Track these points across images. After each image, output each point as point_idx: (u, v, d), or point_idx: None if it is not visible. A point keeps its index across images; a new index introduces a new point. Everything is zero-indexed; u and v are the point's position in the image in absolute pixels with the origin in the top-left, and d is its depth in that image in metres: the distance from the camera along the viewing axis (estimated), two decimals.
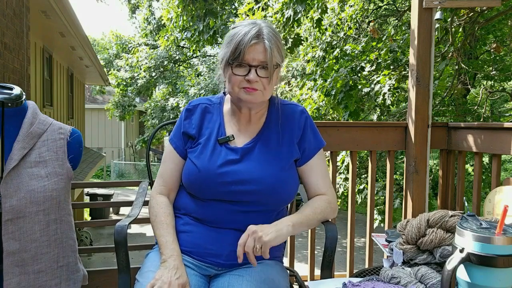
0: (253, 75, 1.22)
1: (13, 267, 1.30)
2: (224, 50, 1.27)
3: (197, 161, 1.28)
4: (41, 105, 6.63)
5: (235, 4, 10.41)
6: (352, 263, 2.42)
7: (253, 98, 1.25)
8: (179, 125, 1.37)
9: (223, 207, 1.26)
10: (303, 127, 1.35)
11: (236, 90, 1.25)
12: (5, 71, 2.84)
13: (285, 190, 1.27)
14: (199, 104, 1.38)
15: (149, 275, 1.20)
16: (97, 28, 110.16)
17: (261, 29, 1.23)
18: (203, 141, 1.32)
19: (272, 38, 1.23)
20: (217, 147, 1.30)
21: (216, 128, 1.33)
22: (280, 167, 1.28)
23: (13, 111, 1.36)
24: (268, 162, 1.28)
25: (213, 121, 1.35)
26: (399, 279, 1.01)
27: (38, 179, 1.33)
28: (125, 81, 13.43)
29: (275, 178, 1.26)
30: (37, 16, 5.22)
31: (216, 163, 1.26)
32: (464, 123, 2.41)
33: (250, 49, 1.21)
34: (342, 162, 5.07)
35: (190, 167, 1.29)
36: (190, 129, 1.34)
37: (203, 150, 1.30)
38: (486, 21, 5.25)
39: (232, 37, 1.24)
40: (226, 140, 1.30)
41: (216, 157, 1.28)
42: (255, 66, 1.22)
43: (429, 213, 1.16)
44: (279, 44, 1.26)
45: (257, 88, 1.24)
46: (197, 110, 1.36)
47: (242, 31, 1.22)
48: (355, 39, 6.05)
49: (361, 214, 9.24)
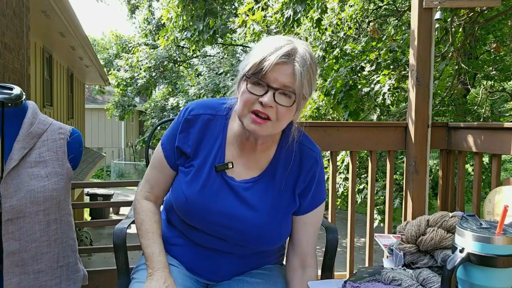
0: (268, 98, 1.01)
1: (13, 267, 1.30)
2: (246, 61, 1.06)
3: (187, 190, 1.12)
4: (41, 105, 6.63)
5: (235, 4, 10.41)
6: (352, 263, 2.42)
7: (260, 130, 1.04)
8: (173, 134, 1.18)
9: (211, 238, 1.16)
10: (310, 179, 1.15)
11: (245, 112, 1.04)
12: (5, 71, 2.84)
13: (279, 241, 1.19)
14: (200, 115, 1.15)
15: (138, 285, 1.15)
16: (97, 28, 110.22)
17: (296, 49, 1.02)
18: (197, 164, 1.14)
19: (306, 64, 1.02)
20: (212, 174, 1.12)
21: (215, 149, 1.14)
22: (279, 219, 1.14)
23: (13, 111, 1.36)
24: (268, 211, 1.12)
25: (214, 139, 1.15)
26: (400, 281, 1.01)
27: (38, 179, 1.33)
28: (125, 81, 13.44)
29: (270, 227, 1.13)
30: (37, 16, 5.21)
31: (207, 197, 1.11)
32: (464, 123, 2.41)
33: (276, 68, 1.00)
34: (342, 162, 5.07)
35: (178, 193, 1.15)
36: (185, 146, 1.15)
37: (195, 176, 1.13)
38: (486, 21, 5.24)
39: (259, 49, 1.04)
40: (224, 168, 1.12)
41: (208, 190, 1.12)
42: (275, 88, 1.01)
43: (429, 215, 1.16)
44: (312, 74, 1.05)
45: (269, 117, 1.02)
46: (198, 123, 1.15)
47: (273, 45, 1.02)
48: (355, 39, 6.05)
49: (361, 214, 9.24)
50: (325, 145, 2.34)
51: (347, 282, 1.03)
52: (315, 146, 1.20)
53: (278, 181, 1.14)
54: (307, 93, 1.06)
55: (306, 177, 1.15)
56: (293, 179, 1.15)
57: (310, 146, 1.19)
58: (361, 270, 1.12)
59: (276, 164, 1.15)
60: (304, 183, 1.15)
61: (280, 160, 1.15)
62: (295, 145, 1.16)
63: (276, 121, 1.04)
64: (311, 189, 1.16)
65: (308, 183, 1.16)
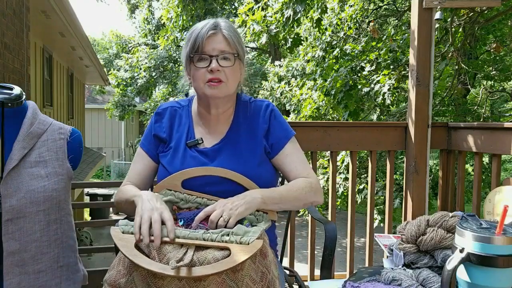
0: (214, 64, 1.22)
1: (13, 267, 1.30)
2: (184, 49, 1.29)
3: (169, 167, 1.29)
4: (41, 105, 6.63)
5: (235, 4, 10.41)
6: (352, 263, 2.42)
7: (218, 91, 1.25)
8: (149, 129, 1.38)
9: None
10: (268, 120, 1.34)
11: (201, 85, 1.25)
12: (5, 71, 2.84)
13: (260, 184, 1.25)
14: (168, 108, 1.38)
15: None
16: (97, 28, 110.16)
17: (218, 21, 1.26)
18: (173, 145, 1.32)
19: (231, 29, 1.26)
20: (187, 151, 1.30)
21: (185, 131, 1.34)
22: (251, 163, 1.28)
23: (13, 111, 1.36)
24: (238, 160, 1.28)
25: (183, 124, 1.35)
26: (400, 281, 1.01)
27: (38, 179, 1.33)
28: (125, 81, 13.43)
29: (246, 175, 1.25)
30: (37, 16, 5.21)
31: (188, 167, 1.26)
32: (464, 123, 2.41)
33: (209, 40, 1.23)
34: (342, 162, 5.07)
35: (163, 174, 1.30)
36: (161, 132, 1.35)
37: (174, 155, 1.31)
38: (486, 21, 5.25)
39: (190, 34, 1.26)
40: (194, 144, 1.31)
41: (188, 161, 1.28)
42: (216, 56, 1.23)
43: (429, 215, 1.16)
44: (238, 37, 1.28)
45: (221, 79, 1.24)
46: (166, 114, 1.37)
47: (199, 26, 1.26)
48: (355, 39, 6.05)
49: (361, 214, 9.23)
50: (325, 145, 2.34)
51: (347, 282, 1.03)
52: (263, 99, 1.42)
53: (242, 134, 1.33)
54: (240, 51, 1.27)
55: (264, 119, 1.34)
56: (255, 126, 1.34)
57: (259, 100, 1.40)
58: (361, 270, 1.12)
59: (237, 122, 1.35)
60: (265, 124, 1.33)
61: (239, 118, 1.35)
62: (249, 105, 1.37)
63: (227, 81, 1.25)
64: (273, 127, 1.34)
65: (269, 123, 1.34)
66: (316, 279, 2.27)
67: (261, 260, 0.99)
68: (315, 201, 1.30)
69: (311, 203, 1.30)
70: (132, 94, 14.04)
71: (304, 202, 1.28)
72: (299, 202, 1.26)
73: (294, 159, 1.33)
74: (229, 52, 1.24)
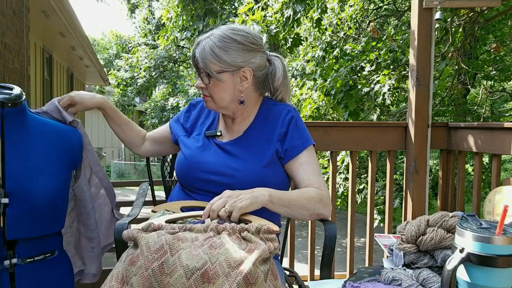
0: (198, 81, 1.33)
1: None
2: None
3: (186, 151, 1.39)
4: (41, 105, 6.61)
5: (235, 4, 10.40)
6: (352, 263, 2.42)
7: (208, 105, 1.36)
8: (180, 115, 1.52)
9: (207, 200, 1.22)
10: (287, 125, 1.34)
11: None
12: (5, 71, 2.84)
13: (265, 186, 1.22)
14: (201, 101, 1.48)
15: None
16: (97, 28, 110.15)
17: (201, 39, 1.32)
18: (195, 135, 1.44)
19: (206, 47, 1.28)
20: (206, 141, 1.39)
21: (209, 123, 1.44)
22: (258, 163, 1.30)
23: (13, 111, 1.36)
24: (245, 158, 1.31)
25: (210, 117, 1.46)
26: (400, 281, 1.01)
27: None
28: (125, 81, 13.43)
29: (251, 174, 1.27)
30: (37, 16, 5.21)
31: (201, 153, 1.36)
32: (464, 123, 2.41)
33: (196, 59, 1.32)
34: (342, 162, 5.07)
35: (180, 157, 1.42)
36: (186, 123, 1.48)
37: (193, 142, 1.41)
38: (486, 21, 5.24)
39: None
40: (212, 135, 1.39)
41: (202, 148, 1.37)
42: (199, 74, 1.33)
43: (429, 215, 1.16)
44: (221, 51, 1.27)
45: (206, 95, 1.34)
46: (198, 106, 1.50)
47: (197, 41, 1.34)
48: (355, 39, 6.05)
49: (361, 214, 9.23)
50: (325, 145, 2.34)
51: (347, 282, 1.03)
52: (288, 104, 1.43)
53: (257, 135, 1.36)
54: (216, 68, 1.27)
55: (283, 123, 1.34)
56: (271, 129, 1.35)
57: (283, 104, 1.42)
58: (361, 270, 1.12)
59: (255, 123, 1.38)
60: (282, 128, 1.34)
61: (259, 120, 1.38)
62: (272, 109, 1.39)
63: (212, 96, 1.32)
64: (291, 132, 1.34)
65: (287, 128, 1.34)
66: (316, 279, 2.27)
67: (272, 280, 0.98)
68: (322, 214, 1.28)
69: (318, 215, 1.27)
70: (132, 94, 14.04)
71: (311, 213, 1.26)
72: (306, 211, 1.24)
73: (308, 169, 1.32)
74: (203, 71, 1.30)
